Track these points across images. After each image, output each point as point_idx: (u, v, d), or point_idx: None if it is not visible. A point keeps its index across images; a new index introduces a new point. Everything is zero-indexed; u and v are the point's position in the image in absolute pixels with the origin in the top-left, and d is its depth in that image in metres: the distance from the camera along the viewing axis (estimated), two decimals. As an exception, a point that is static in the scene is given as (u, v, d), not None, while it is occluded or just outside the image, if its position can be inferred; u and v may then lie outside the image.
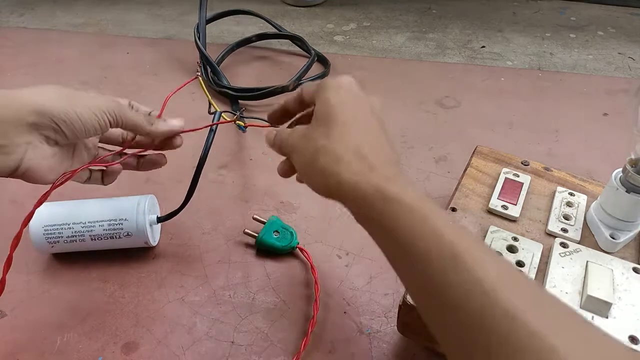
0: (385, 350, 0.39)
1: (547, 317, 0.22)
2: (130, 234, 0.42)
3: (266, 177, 0.55)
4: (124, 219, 0.42)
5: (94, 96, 0.35)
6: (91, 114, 0.33)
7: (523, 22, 0.95)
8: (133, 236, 0.43)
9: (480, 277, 0.23)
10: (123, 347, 0.39)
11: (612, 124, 0.66)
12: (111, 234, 0.42)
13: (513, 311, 0.22)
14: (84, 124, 0.33)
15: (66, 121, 0.32)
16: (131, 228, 0.42)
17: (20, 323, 0.40)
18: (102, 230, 0.42)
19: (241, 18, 0.93)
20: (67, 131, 0.33)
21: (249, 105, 0.68)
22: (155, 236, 0.46)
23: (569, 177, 0.45)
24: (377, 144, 0.31)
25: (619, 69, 0.79)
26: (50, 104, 0.32)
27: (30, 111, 0.31)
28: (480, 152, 0.48)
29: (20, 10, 0.98)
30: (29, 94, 0.32)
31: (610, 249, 0.38)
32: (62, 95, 0.33)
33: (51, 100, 0.32)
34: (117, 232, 0.42)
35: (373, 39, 0.88)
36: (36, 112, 0.31)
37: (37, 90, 0.32)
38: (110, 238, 0.43)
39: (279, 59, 0.81)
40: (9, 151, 0.31)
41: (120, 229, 0.42)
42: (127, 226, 0.42)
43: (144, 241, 0.43)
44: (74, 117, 0.33)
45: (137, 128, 0.37)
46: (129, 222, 0.42)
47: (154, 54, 0.81)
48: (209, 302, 0.42)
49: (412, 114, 0.67)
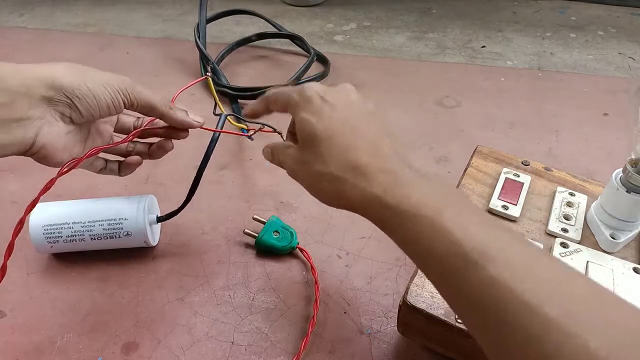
0: (385, 351, 0.39)
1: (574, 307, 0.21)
2: (129, 233, 0.42)
3: (266, 177, 0.55)
4: (123, 219, 0.42)
5: (107, 73, 0.35)
6: (104, 89, 0.33)
7: (523, 22, 0.95)
8: (133, 236, 0.43)
9: (493, 274, 0.22)
10: (123, 347, 0.39)
11: (612, 124, 0.66)
12: (111, 233, 0.42)
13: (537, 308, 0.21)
14: (97, 100, 0.33)
15: (79, 97, 0.32)
16: (131, 227, 0.42)
17: (20, 323, 0.40)
18: (101, 229, 0.42)
19: (241, 18, 0.93)
20: (81, 107, 0.33)
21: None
22: (155, 236, 0.46)
23: (569, 177, 0.45)
24: (369, 149, 0.29)
25: (619, 69, 0.79)
26: (63, 77, 0.32)
27: (42, 84, 0.31)
28: (480, 152, 0.48)
29: (20, 10, 0.97)
30: (41, 67, 0.32)
31: (611, 249, 0.38)
32: (74, 70, 0.33)
33: (63, 75, 0.32)
34: (116, 231, 0.42)
35: (373, 39, 0.88)
36: (49, 86, 0.31)
37: (48, 65, 0.32)
38: (110, 238, 0.43)
39: (279, 59, 0.81)
40: (25, 124, 0.31)
41: (120, 228, 0.42)
42: (127, 225, 0.42)
43: (144, 240, 0.43)
44: (86, 92, 0.33)
45: (154, 109, 0.37)
46: (128, 221, 0.42)
47: (154, 54, 0.81)
48: (209, 302, 0.42)
49: (412, 114, 0.67)
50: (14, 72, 0.30)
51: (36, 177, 0.55)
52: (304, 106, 0.31)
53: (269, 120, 0.41)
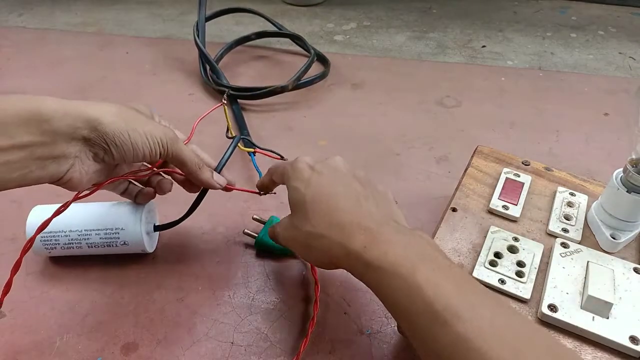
0: (385, 351, 0.39)
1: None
2: (126, 242, 0.42)
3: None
4: (120, 228, 0.42)
5: (153, 124, 0.35)
6: (145, 140, 0.34)
7: (524, 22, 0.94)
8: (130, 245, 0.43)
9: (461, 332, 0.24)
10: (122, 348, 0.39)
11: (612, 124, 0.65)
12: (108, 242, 0.42)
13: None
14: (134, 150, 0.33)
15: (118, 144, 0.33)
16: (127, 237, 0.42)
17: (20, 323, 0.40)
18: (98, 238, 0.42)
19: (241, 18, 0.93)
20: (116, 153, 0.33)
21: (248, 105, 0.68)
22: (152, 243, 0.46)
23: (569, 177, 0.45)
24: (352, 209, 0.32)
25: (619, 69, 0.79)
26: (107, 122, 0.32)
27: (85, 125, 0.31)
28: (480, 152, 0.48)
29: (19, 9, 0.97)
30: (90, 108, 0.32)
31: (611, 249, 0.38)
32: (122, 116, 0.33)
33: (108, 119, 0.32)
34: (113, 240, 0.42)
35: (373, 39, 0.88)
36: (91, 127, 0.31)
37: (97, 106, 0.32)
38: (108, 246, 0.43)
39: (279, 58, 0.81)
40: (60, 161, 0.31)
41: (117, 237, 0.42)
42: (124, 235, 0.42)
43: (141, 249, 0.43)
44: (126, 140, 0.33)
45: (184, 165, 0.38)
46: (125, 231, 0.42)
47: (153, 54, 0.81)
48: (209, 302, 0.42)
49: (412, 114, 0.67)
50: (62, 113, 0.30)
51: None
52: (294, 176, 0.35)
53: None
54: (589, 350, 0.32)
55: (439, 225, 0.40)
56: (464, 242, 0.39)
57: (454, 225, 0.40)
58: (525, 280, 0.35)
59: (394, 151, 0.60)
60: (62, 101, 0.31)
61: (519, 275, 0.36)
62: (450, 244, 0.39)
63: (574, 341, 0.32)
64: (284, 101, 0.69)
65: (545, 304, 0.33)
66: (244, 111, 0.67)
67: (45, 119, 0.30)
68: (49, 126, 0.30)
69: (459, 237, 0.39)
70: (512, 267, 0.36)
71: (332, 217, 0.32)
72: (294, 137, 0.62)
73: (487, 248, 0.38)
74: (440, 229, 0.40)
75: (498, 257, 0.37)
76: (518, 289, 0.35)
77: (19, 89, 0.72)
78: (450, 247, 0.38)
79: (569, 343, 0.32)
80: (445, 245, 0.39)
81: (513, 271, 0.36)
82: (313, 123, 0.65)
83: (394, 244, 0.29)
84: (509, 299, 0.35)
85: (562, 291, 0.34)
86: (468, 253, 0.38)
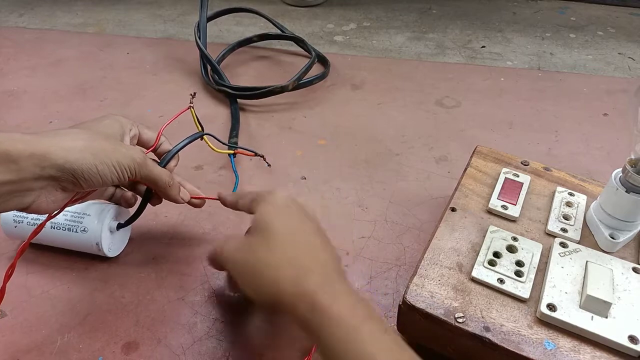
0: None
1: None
2: (86, 229, 0.43)
3: (265, 177, 0.55)
4: (86, 214, 0.43)
5: (121, 151, 0.35)
6: (113, 170, 0.34)
7: (523, 22, 0.95)
8: (88, 233, 0.43)
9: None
10: (123, 347, 0.39)
11: (611, 124, 0.66)
12: (70, 225, 0.43)
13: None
14: (102, 180, 0.34)
15: (86, 178, 0.33)
16: (89, 224, 0.43)
17: (20, 323, 0.40)
18: (63, 219, 0.43)
19: (241, 18, 0.93)
20: (85, 185, 0.34)
21: (248, 105, 0.68)
22: (112, 246, 0.45)
23: (568, 177, 0.45)
24: (313, 252, 0.32)
25: (618, 69, 0.79)
26: (73, 159, 0.32)
27: (53, 166, 0.32)
28: (480, 152, 0.48)
29: (20, 10, 0.98)
30: (56, 146, 0.32)
31: (610, 249, 0.38)
32: (89, 150, 0.33)
33: (75, 156, 0.32)
34: (75, 224, 0.43)
35: (373, 39, 0.88)
36: (58, 168, 0.32)
37: (64, 143, 0.33)
38: (68, 230, 0.43)
39: (280, 59, 0.81)
40: (24, 195, 0.32)
41: (80, 221, 0.43)
42: (87, 221, 0.43)
43: (96, 242, 0.43)
44: (95, 174, 0.33)
45: (156, 185, 0.39)
46: (90, 217, 0.43)
47: (153, 54, 0.81)
48: (209, 302, 0.42)
49: (412, 114, 0.67)
50: (30, 153, 0.31)
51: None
52: (270, 199, 0.35)
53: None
54: (587, 349, 0.32)
55: (439, 225, 0.41)
56: (463, 242, 0.39)
57: (454, 225, 0.41)
58: (524, 279, 0.35)
59: (393, 151, 0.60)
60: (30, 140, 0.31)
61: (518, 274, 0.36)
62: (449, 244, 0.39)
63: (572, 341, 0.32)
64: (284, 101, 0.69)
65: (544, 303, 0.33)
66: (244, 111, 0.67)
67: (13, 159, 0.30)
68: (15, 166, 0.30)
69: (458, 236, 0.39)
70: (511, 266, 0.36)
71: (296, 251, 0.31)
72: (294, 137, 0.62)
73: (486, 248, 0.38)
74: (439, 228, 0.40)
75: (497, 257, 0.37)
76: (517, 288, 0.35)
77: (19, 89, 0.72)
78: (450, 247, 0.39)
79: (568, 342, 0.32)
80: (444, 244, 0.39)
81: (512, 271, 0.36)
82: (313, 123, 0.65)
83: (346, 295, 0.29)
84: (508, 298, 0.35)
85: (561, 291, 0.34)
86: (467, 253, 0.38)
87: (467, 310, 0.34)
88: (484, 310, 0.34)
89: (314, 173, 0.56)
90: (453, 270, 0.37)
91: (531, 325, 0.33)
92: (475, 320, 0.33)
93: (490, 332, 0.32)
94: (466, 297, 0.35)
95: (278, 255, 0.31)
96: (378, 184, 0.55)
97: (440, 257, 0.38)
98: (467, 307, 0.34)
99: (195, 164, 0.57)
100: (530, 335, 0.32)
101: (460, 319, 0.33)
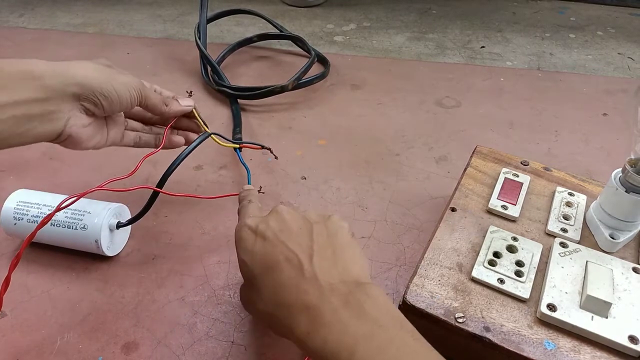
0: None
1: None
2: (86, 227, 0.43)
3: (266, 176, 0.55)
4: (86, 212, 0.43)
5: (125, 74, 0.39)
6: (125, 90, 0.38)
7: (523, 22, 0.95)
8: (88, 230, 0.43)
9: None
10: (123, 347, 0.39)
11: (611, 124, 0.66)
12: (70, 223, 0.43)
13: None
14: (120, 98, 0.38)
15: (105, 95, 0.37)
16: (89, 222, 0.43)
17: (21, 323, 0.40)
18: (64, 216, 0.43)
19: (241, 19, 0.93)
20: (105, 104, 0.37)
21: (248, 105, 0.68)
22: (112, 244, 0.45)
23: (568, 177, 0.45)
24: (299, 278, 0.30)
25: (618, 69, 0.79)
26: (92, 78, 0.36)
27: (74, 83, 0.35)
28: (480, 152, 0.48)
29: (20, 10, 0.98)
30: (74, 67, 0.35)
31: (610, 249, 0.38)
32: (102, 71, 0.37)
33: (93, 75, 0.36)
34: (76, 222, 0.43)
35: (373, 39, 0.88)
36: (80, 85, 0.35)
37: (80, 65, 0.36)
38: (68, 227, 0.43)
39: (280, 59, 0.81)
40: (56, 117, 0.35)
41: (80, 219, 0.43)
42: (87, 219, 0.43)
43: (95, 240, 0.43)
44: (112, 91, 0.37)
45: (154, 108, 0.43)
46: (90, 215, 0.43)
47: (154, 54, 0.81)
48: (209, 302, 0.42)
49: (412, 114, 0.67)
50: (52, 71, 0.34)
51: (35, 178, 0.55)
52: (240, 247, 0.33)
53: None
54: (587, 349, 0.32)
55: (438, 225, 0.41)
56: (463, 242, 0.39)
57: (453, 225, 0.41)
58: (524, 279, 0.35)
59: (393, 151, 0.60)
60: (50, 63, 0.34)
61: (518, 274, 0.36)
62: (449, 244, 0.39)
63: (573, 341, 0.32)
64: (284, 101, 0.69)
65: (544, 303, 0.33)
66: (244, 111, 0.67)
67: (37, 77, 0.33)
68: (41, 83, 0.33)
69: (458, 236, 0.39)
70: (511, 266, 0.36)
71: (278, 295, 0.30)
72: (294, 137, 0.62)
73: (486, 248, 0.38)
74: (439, 228, 0.40)
75: (497, 257, 0.37)
76: (517, 288, 0.35)
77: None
78: (450, 247, 0.39)
79: (568, 343, 0.32)
80: (444, 245, 0.39)
81: (512, 271, 0.36)
82: (313, 123, 0.65)
83: (333, 326, 0.27)
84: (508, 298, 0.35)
85: (561, 291, 0.34)
86: (467, 253, 0.38)
87: (467, 310, 0.34)
88: (484, 310, 0.34)
89: (314, 173, 0.56)
90: (453, 270, 0.37)
91: (531, 325, 0.33)
92: (475, 320, 0.33)
93: (490, 332, 0.32)
94: (466, 297, 0.35)
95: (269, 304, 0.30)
96: (378, 184, 0.55)
97: (440, 257, 0.38)
98: (467, 307, 0.34)
99: (195, 164, 0.57)
100: (530, 335, 0.32)
101: (461, 319, 0.33)
